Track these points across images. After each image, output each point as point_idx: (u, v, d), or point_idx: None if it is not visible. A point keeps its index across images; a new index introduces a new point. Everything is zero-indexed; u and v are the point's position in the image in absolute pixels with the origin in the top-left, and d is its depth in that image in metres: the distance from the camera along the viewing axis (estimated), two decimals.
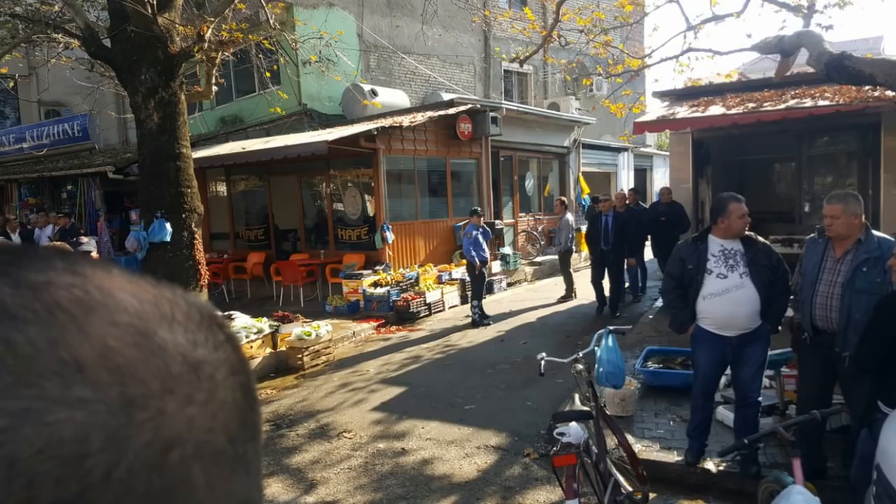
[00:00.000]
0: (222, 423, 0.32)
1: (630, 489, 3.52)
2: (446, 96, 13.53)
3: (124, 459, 0.27)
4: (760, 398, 4.02)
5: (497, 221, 13.31)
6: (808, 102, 8.30)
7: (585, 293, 10.23)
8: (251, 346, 7.16)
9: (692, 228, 9.57)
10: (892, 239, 3.52)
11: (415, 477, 4.44)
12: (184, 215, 7.25)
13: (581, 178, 15.86)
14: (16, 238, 11.41)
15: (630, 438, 4.13)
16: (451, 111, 11.83)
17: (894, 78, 5.12)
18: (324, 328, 7.71)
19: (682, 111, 9.44)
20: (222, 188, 13.99)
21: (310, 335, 7.43)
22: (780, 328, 3.99)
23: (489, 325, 9.01)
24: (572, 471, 3.18)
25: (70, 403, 0.27)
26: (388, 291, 9.81)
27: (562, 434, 3.36)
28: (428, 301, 9.92)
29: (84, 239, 8.24)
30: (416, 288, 10.14)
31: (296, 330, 7.53)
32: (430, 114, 11.62)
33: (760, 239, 3.98)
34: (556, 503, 3.96)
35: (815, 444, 3.77)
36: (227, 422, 0.33)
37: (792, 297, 3.94)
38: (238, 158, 11.26)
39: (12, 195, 15.65)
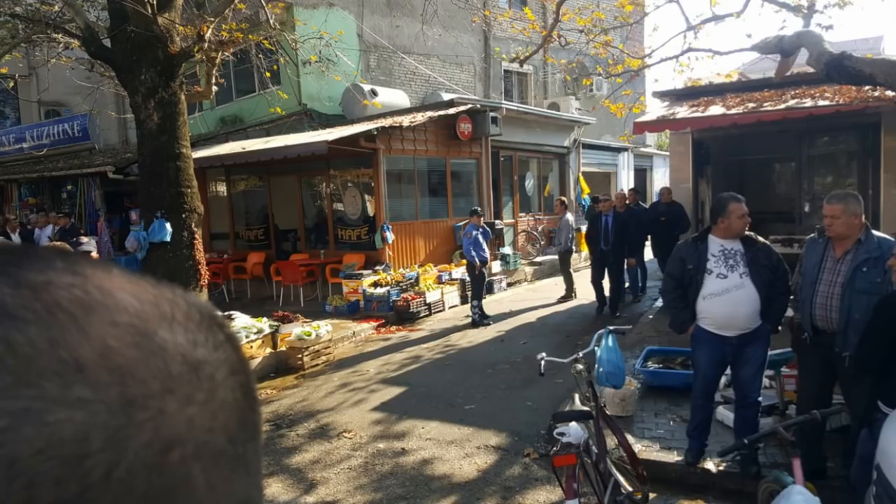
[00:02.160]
0: (222, 423, 0.32)
1: (630, 489, 3.53)
2: (446, 96, 13.53)
3: (124, 459, 0.27)
4: (760, 398, 4.02)
5: (497, 221, 13.31)
6: (808, 102, 8.30)
7: (585, 293, 10.22)
8: (251, 346, 7.16)
9: (692, 228, 9.57)
10: (892, 239, 3.52)
11: (415, 477, 4.44)
12: (184, 215, 7.25)
13: (581, 178, 15.86)
14: (16, 238, 11.41)
15: (630, 438, 4.13)
16: (451, 111, 11.83)
17: (894, 78, 5.12)
18: (324, 328, 7.71)
19: (682, 111, 9.44)
20: (222, 188, 13.99)
21: (310, 335, 7.43)
22: (780, 328, 3.99)
23: (489, 325, 9.01)
24: (572, 471, 3.18)
25: (70, 403, 0.27)
26: (388, 291, 9.80)
27: (562, 434, 3.36)
28: (428, 301, 9.92)
29: (84, 239, 8.24)
30: (416, 288, 10.14)
31: (296, 330, 7.53)
32: (430, 114, 11.62)
33: (760, 239, 3.97)
34: (556, 503, 3.97)
35: (815, 444, 3.77)
36: (227, 422, 0.33)
37: (792, 297, 3.94)
38: (238, 158, 11.26)
39: (12, 195, 15.65)
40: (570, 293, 10.63)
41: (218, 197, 14.06)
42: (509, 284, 12.30)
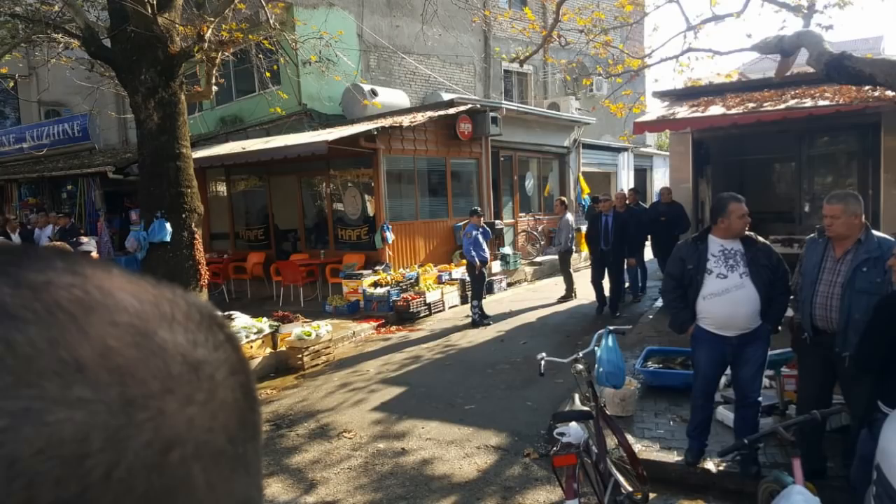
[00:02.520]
0: (222, 423, 0.32)
1: (630, 489, 3.52)
2: (446, 96, 13.53)
3: (124, 459, 0.27)
4: (760, 398, 4.02)
5: (497, 221, 13.31)
6: (808, 102, 8.30)
7: (585, 293, 10.22)
8: (251, 346, 7.16)
9: (692, 228, 9.57)
10: (892, 239, 3.52)
11: (415, 477, 4.44)
12: (184, 215, 7.25)
13: (581, 178, 15.86)
14: (16, 238, 11.41)
15: (630, 438, 4.13)
16: (451, 111, 11.83)
17: (894, 78, 5.12)
18: (324, 328, 7.71)
19: (682, 111, 9.44)
20: (222, 188, 13.99)
21: (310, 335, 7.43)
22: (780, 328, 3.99)
23: (489, 325, 9.01)
24: (572, 471, 3.18)
25: (70, 403, 0.27)
26: (388, 291, 9.80)
27: (562, 434, 3.36)
28: (428, 301, 9.92)
29: (84, 239, 8.23)
30: (416, 288, 10.14)
31: (296, 330, 7.53)
32: (430, 114, 11.62)
33: (760, 239, 3.98)
34: (556, 503, 3.97)
35: (815, 444, 3.77)
36: (227, 422, 0.33)
37: (792, 297, 3.94)
38: (238, 158, 11.26)
39: (12, 195, 15.65)
40: (570, 293, 10.63)
41: (218, 197, 14.05)
42: (509, 284, 12.30)
